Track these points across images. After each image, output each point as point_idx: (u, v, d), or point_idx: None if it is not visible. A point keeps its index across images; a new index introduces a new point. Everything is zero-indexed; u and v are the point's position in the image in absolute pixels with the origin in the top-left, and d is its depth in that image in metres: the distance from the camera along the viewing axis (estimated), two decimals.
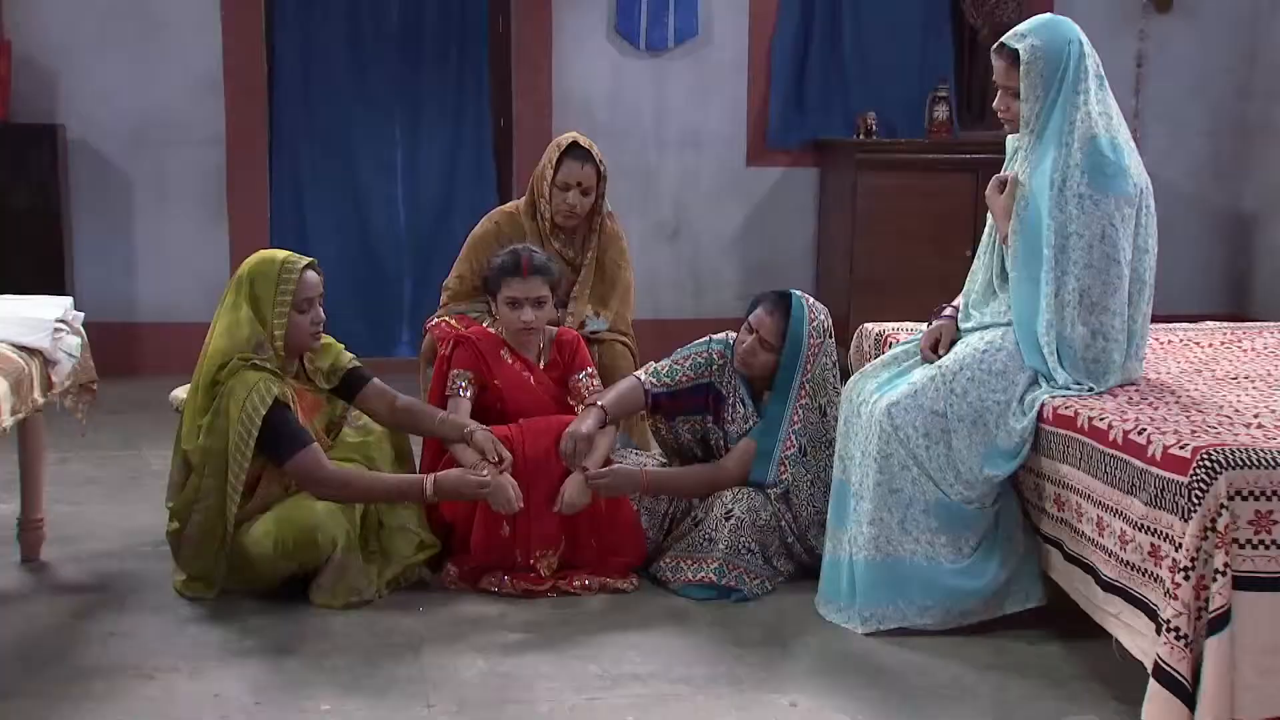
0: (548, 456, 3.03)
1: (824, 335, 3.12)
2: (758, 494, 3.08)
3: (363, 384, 3.06)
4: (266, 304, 2.84)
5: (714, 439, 3.28)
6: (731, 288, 5.91)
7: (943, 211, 5.46)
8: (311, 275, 2.93)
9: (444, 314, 3.59)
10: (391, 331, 5.81)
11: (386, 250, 5.72)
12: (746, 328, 3.13)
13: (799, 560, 3.14)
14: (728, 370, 3.22)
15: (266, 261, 2.87)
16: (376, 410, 3.07)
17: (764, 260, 5.91)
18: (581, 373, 3.27)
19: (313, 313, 2.92)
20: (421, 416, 3.08)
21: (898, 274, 5.44)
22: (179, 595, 2.98)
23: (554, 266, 3.23)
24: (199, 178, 5.47)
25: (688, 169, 5.83)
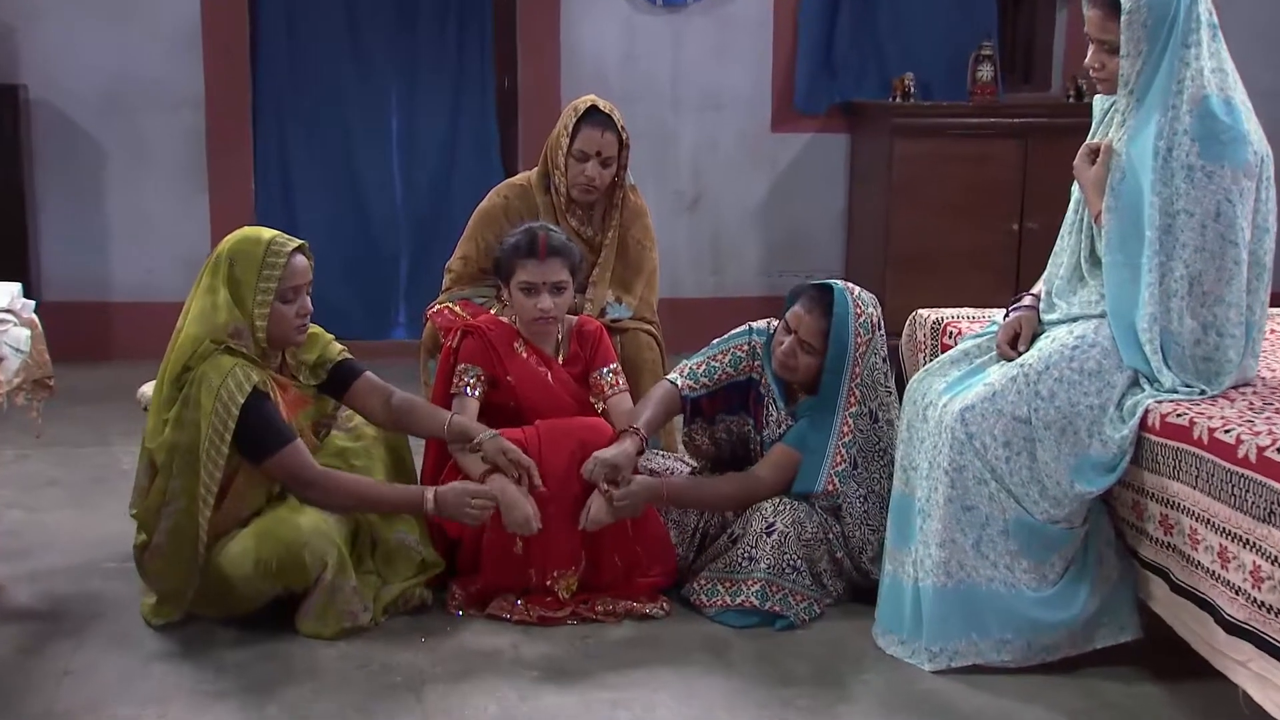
0: (568, 465, 2.87)
1: (872, 331, 2.94)
2: (801, 504, 2.94)
3: (353, 378, 2.91)
4: (247, 289, 2.70)
5: (753, 445, 3.15)
6: (754, 263, 5.79)
7: (987, 181, 5.28)
8: (300, 260, 2.77)
9: (447, 299, 3.45)
10: (387, 313, 5.69)
11: (381, 224, 5.59)
12: (783, 327, 2.97)
13: (850, 579, 3.01)
14: (767, 366, 3.06)
15: (250, 241, 2.72)
16: (369, 408, 2.92)
17: (789, 234, 5.77)
18: (605, 368, 3.11)
19: (299, 303, 2.77)
20: (421, 416, 2.93)
21: (937, 249, 5.28)
22: (147, 623, 2.82)
23: (575, 247, 3.06)
24: (176, 144, 5.32)
25: (707, 135, 5.67)
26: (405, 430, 2.99)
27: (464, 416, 2.95)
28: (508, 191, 3.49)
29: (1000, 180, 5.28)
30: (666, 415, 3.06)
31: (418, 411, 2.95)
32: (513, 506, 2.79)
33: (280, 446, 2.67)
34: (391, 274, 5.68)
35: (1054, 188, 5.15)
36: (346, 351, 2.96)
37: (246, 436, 2.63)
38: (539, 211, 3.42)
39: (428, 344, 3.42)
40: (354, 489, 2.76)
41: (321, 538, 2.72)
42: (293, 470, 2.69)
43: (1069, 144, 5.05)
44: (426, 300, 4.21)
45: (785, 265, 5.77)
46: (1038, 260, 5.21)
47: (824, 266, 5.74)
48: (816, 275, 5.71)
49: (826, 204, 5.81)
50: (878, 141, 5.45)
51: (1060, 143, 5.11)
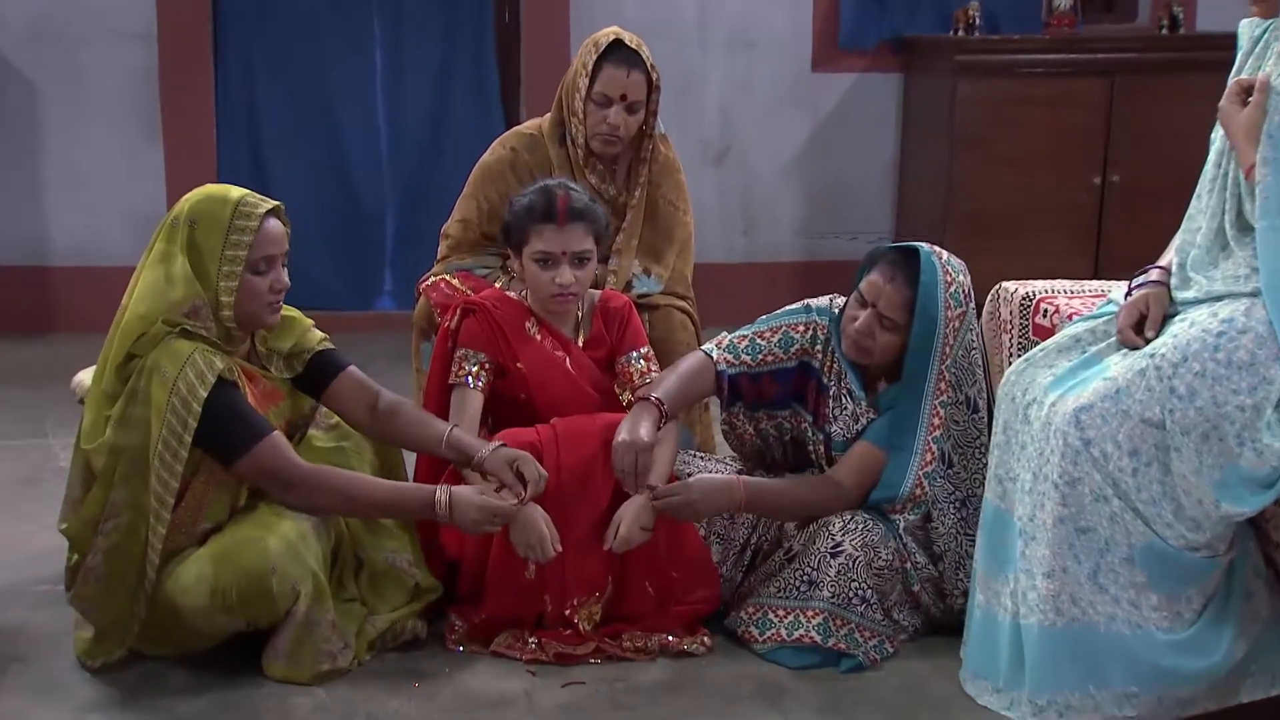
0: (590, 470, 2.78)
1: (964, 302, 2.86)
2: (876, 522, 2.84)
3: (335, 374, 2.82)
4: (211, 258, 2.61)
5: (812, 445, 3.03)
6: (791, 223, 5.76)
7: (1064, 127, 5.19)
8: (275, 225, 2.69)
9: (443, 270, 3.38)
10: (371, 280, 5.68)
11: (363, 177, 5.56)
12: (857, 299, 2.87)
13: (928, 613, 2.92)
14: (832, 351, 2.98)
15: (215, 200, 2.65)
16: (351, 412, 2.84)
17: (831, 190, 5.74)
18: (634, 352, 3.03)
19: (273, 275, 2.68)
20: (411, 425, 2.84)
21: (1005, 208, 5.21)
22: (81, 665, 2.69)
23: (600, 210, 2.97)
24: (124, 84, 5.26)
25: (738, 76, 5.63)
26: (393, 442, 2.91)
27: (463, 430, 2.84)
28: (515, 142, 3.41)
29: (1080, 126, 5.20)
30: (697, 393, 2.98)
31: (407, 420, 2.85)
32: (525, 524, 2.69)
33: (255, 441, 2.57)
34: (376, 235, 5.65)
35: (1142, 135, 5.30)
36: (328, 341, 2.86)
37: (214, 435, 2.55)
38: (552, 166, 3.35)
39: (421, 323, 3.35)
40: (348, 488, 2.68)
41: (293, 561, 2.61)
42: (272, 469, 2.60)
43: (1160, 84, 5.23)
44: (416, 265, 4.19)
45: (826, 226, 5.76)
46: (1122, 219, 5.32)
47: (871, 227, 5.74)
48: (862, 237, 5.71)
49: (875, 155, 5.76)
50: (936, 82, 5.39)
51: (1151, 82, 5.22)
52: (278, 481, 2.62)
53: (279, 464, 2.61)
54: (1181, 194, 5.38)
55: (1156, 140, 5.10)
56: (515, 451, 2.74)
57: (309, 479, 2.64)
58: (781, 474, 3.07)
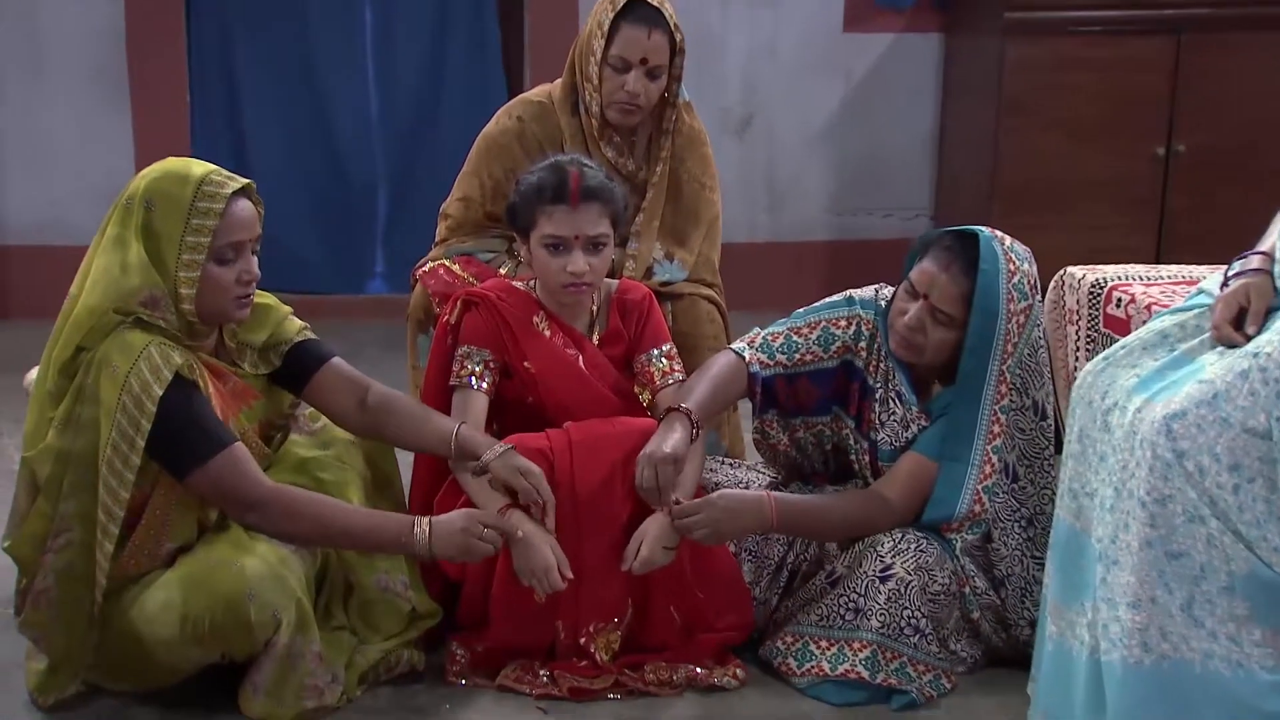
0: (608, 482, 2.74)
1: (1030, 295, 2.79)
2: (930, 542, 2.78)
3: (317, 366, 2.78)
4: (169, 245, 2.54)
5: (855, 454, 2.98)
6: (819, 200, 5.75)
7: (1126, 91, 5.12)
8: (244, 207, 2.60)
9: (442, 255, 3.34)
10: (361, 261, 5.67)
11: (351, 145, 5.55)
12: (907, 290, 2.82)
13: (989, 643, 2.86)
14: (879, 349, 2.92)
15: (174, 178, 2.58)
16: (338, 408, 2.80)
17: (865, 162, 5.73)
18: (656, 350, 2.99)
19: (241, 264, 2.60)
20: (409, 421, 2.80)
21: (1059, 181, 5.15)
22: (32, 702, 2.65)
23: (618, 189, 2.92)
24: (87, 43, 5.23)
25: (762, 36, 5.61)
26: (387, 440, 2.87)
27: (471, 425, 2.81)
28: (522, 112, 3.37)
29: (1141, 90, 5.14)
30: (728, 397, 2.95)
31: (404, 415, 2.81)
32: (528, 548, 2.65)
33: (211, 453, 2.50)
34: (366, 211, 5.64)
35: (1212, 99, 5.18)
36: (309, 330, 2.81)
37: (165, 443, 2.48)
38: (563, 138, 3.32)
39: (417, 314, 3.32)
40: (315, 514, 2.60)
41: (274, 586, 2.54)
42: (230, 487, 2.52)
43: (1233, 42, 5.10)
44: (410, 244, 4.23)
45: (858, 202, 5.76)
46: (1188, 194, 5.20)
47: (908, 203, 5.76)
48: (898, 214, 5.76)
49: (912, 124, 5.75)
50: (982, 43, 5.35)
51: (1222, 40, 5.14)
52: (235, 502, 2.55)
53: (237, 482, 2.54)
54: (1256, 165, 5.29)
55: (1227, 105, 5.04)
56: (526, 463, 2.70)
57: (271, 502, 2.57)
58: (821, 486, 3.03)
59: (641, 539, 2.68)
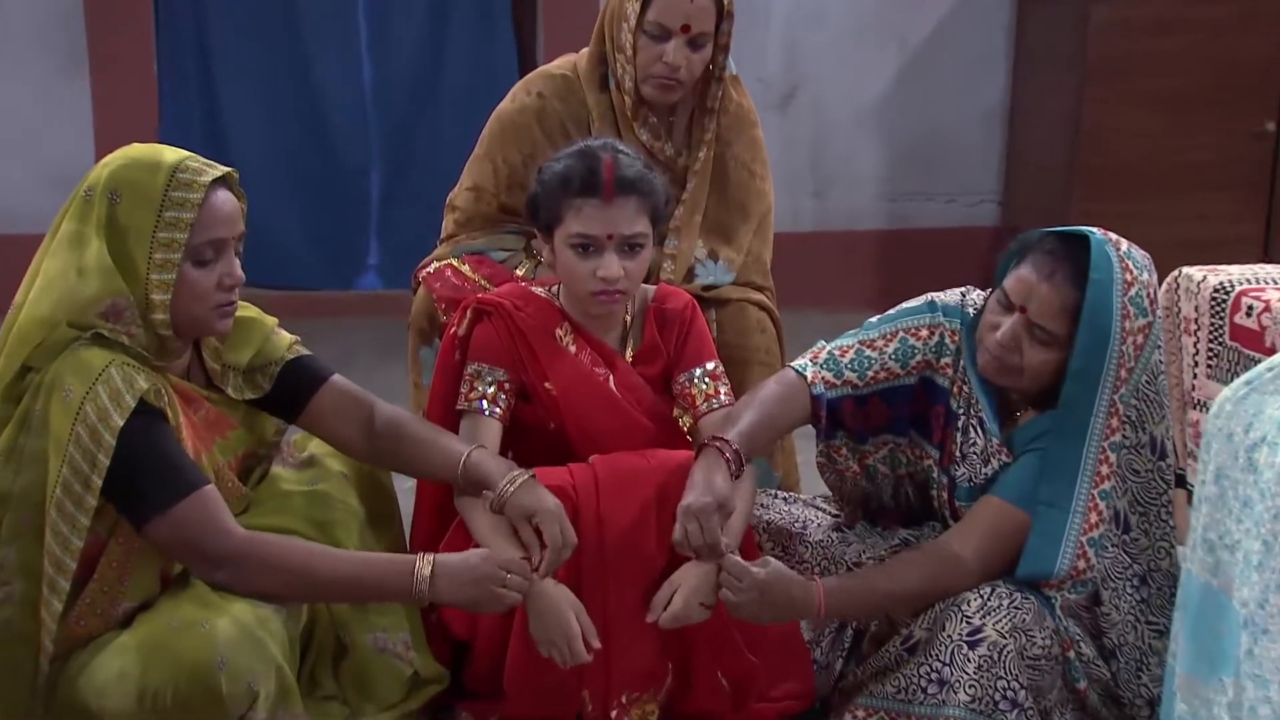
0: (640, 527, 2.67)
1: (1150, 311, 2.68)
2: (1026, 597, 2.66)
3: (314, 387, 2.73)
4: (138, 243, 2.48)
5: (936, 489, 2.87)
6: (871, 183, 5.80)
7: (1231, 57, 5.14)
8: (225, 199, 2.55)
9: (450, 254, 3.32)
10: (352, 252, 5.70)
11: (342, 126, 5.58)
12: (1000, 301, 2.70)
13: (1097, 716, 2.75)
14: (964, 367, 2.81)
15: (143, 166, 2.52)
16: (342, 434, 2.77)
17: (924, 140, 5.77)
18: (698, 368, 2.91)
19: (222, 266, 2.53)
20: (418, 444, 2.76)
21: (1152, 162, 5.16)
22: None
23: (658, 179, 2.84)
24: (42, 11, 5.26)
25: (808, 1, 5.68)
26: (397, 468, 2.84)
27: (487, 451, 2.74)
28: (542, 87, 3.33)
29: (1249, 57, 5.14)
30: (782, 424, 2.86)
31: (413, 439, 2.76)
32: (546, 611, 2.57)
33: (176, 498, 2.43)
34: (358, 196, 5.67)
35: None
36: (300, 344, 2.75)
37: (124, 484, 2.42)
38: (590, 118, 3.29)
39: (420, 323, 3.28)
40: (297, 566, 2.54)
41: (250, 652, 2.44)
42: (193, 539, 2.46)
43: None
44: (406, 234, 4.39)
45: (916, 185, 5.79)
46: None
47: (973, 188, 5.79)
48: (961, 200, 5.78)
49: (978, 97, 5.79)
50: (1061, 4, 5.38)
51: None
52: (201, 558, 2.48)
53: (203, 534, 2.47)
54: None
55: None
56: (540, 498, 2.61)
57: (244, 556, 2.49)
58: (892, 529, 2.95)
59: (674, 589, 2.61)
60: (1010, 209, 5.62)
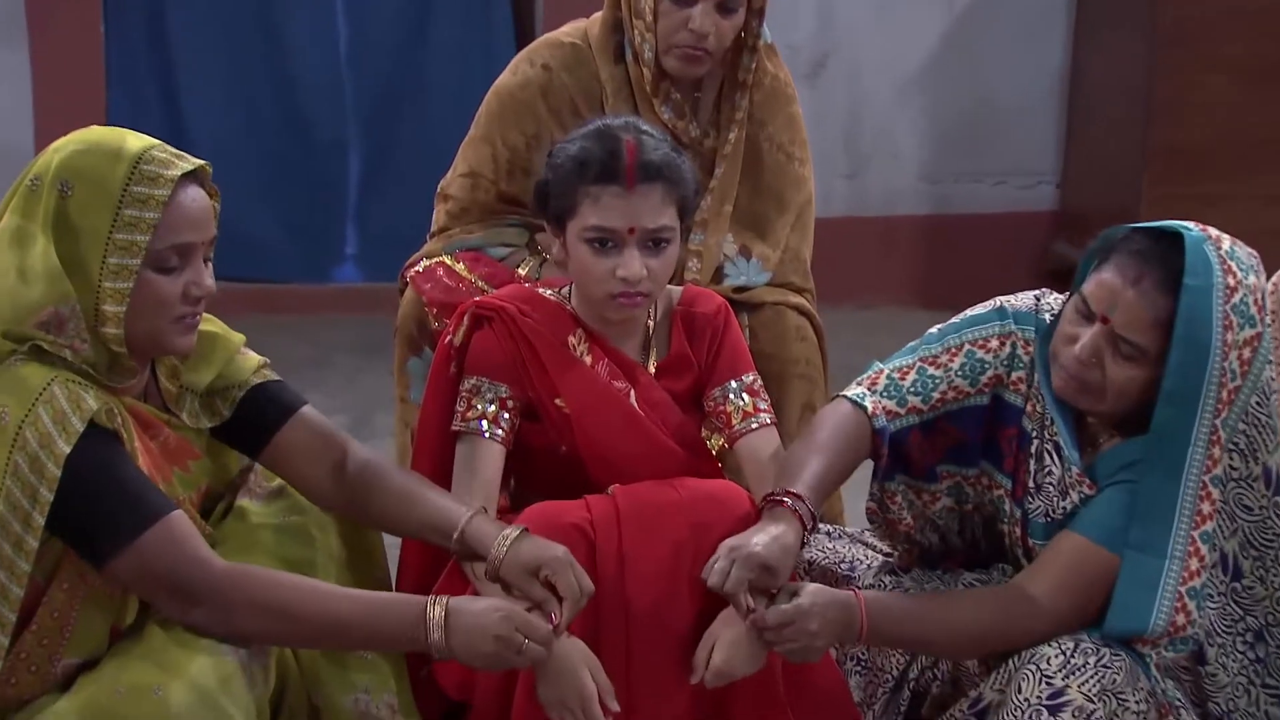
0: (669, 570, 2.63)
1: (1256, 321, 2.62)
2: (1116, 653, 2.58)
3: (281, 418, 2.70)
4: (92, 244, 2.44)
5: (1007, 526, 2.82)
6: (912, 162, 5.83)
7: None
8: (195, 198, 2.50)
9: (442, 249, 3.32)
10: (328, 241, 5.73)
11: (316, 99, 5.60)
12: (1078, 309, 2.65)
13: None
14: (1037, 382, 2.76)
15: (102, 153, 2.48)
16: (308, 475, 2.73)
17: (972, 114, 5.79)
18: (733, 382, 2.87)
19: (188, 274, 2.50)
20: (395, 497, 2.75)
21: (1234, 138, 5.16)
22: None
23: (687, 165, 2.81)
24: None
25: None
26: (370, 522, 2.79)
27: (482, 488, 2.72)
28: (549, 58, 3.33)
29: None
30: (848, 465, 2.81)
31: (392, 491, 2.73)
32: (558, 671, 2.54)
33: (140, 528, 2.38)
34: (334, 178, 5.72)
35: None
36: (269, 368, 2.71)
37: (78, 517, 2.38)
38: (604, 94, 3.28)
39: (409, 330, 3.28)
40: (290, 603, 2.50)
41: (207, 711, 2.39)
42: (165, 573, 2.42)
43: None
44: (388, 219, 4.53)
45: (963, 165, 5.78)
46: None
47: (1028, 167, 5.79)
48: (1014, 180, 5.78)
49: (1035, 65, 5.81)
50: None
51: None
52: (176, 594, 2.44)
53: (179, 566, 2.42)
54: None
55: None
56: (542, 547, 2.56)
57: (227, 590, 2.45)
58: (955, 573, 2.91)
59: (714, 641, 2.56)
60: (1070, 192, 5.62)
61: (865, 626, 2.60)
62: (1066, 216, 5.66)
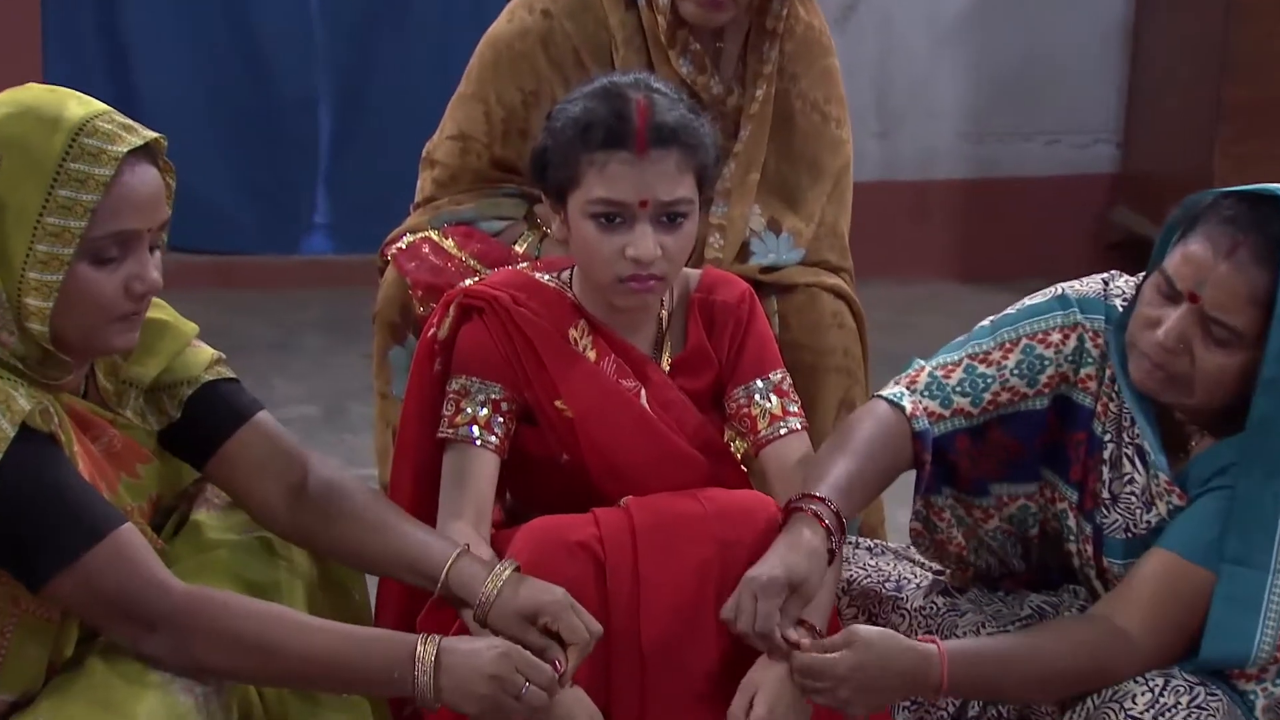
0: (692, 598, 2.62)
1: None
2: (1212, 689, 2.55)
3: (232, 424, 2.67)
4: (18, 225, 2.40)
5: (1076, 544, 2.78)
6: (952, 118, 5.89)
7: None
8: (145, 177, 2.45)
9: (427, 222, 3.31)
10: (295, 208, 5.76)
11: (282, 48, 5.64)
12: (1159, 287, 2.60)
13: None
14: (1111, 378, 2.73)
15: (35, 119, 2.44)
16: (259, 494, 2.70)
17: (1020, 66, 5.86)
18: (759, 380, 2.85)
19: (130, 266, 2.44)
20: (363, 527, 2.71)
21: None
22: None
23: (706, 127, 2.78)
24: None
25: None
26: (329, 554, 2.75)
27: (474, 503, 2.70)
28: (550, 3, 3.33)
29: None
30: (882, 471, 2.77)
31: (360, 519, 2.69)
32: None
33: (85, 544, 2.36)
34: (303, 138, 5.78)
35: None
36: (225, 364, 2.67)
37: (10, 530, 2.36)
38: (613, 45, 3.27)
39: (390, 316, 3.28)
40: (259, 633, 2.47)
41: None
42: (114, 594, 2.39)
43: None
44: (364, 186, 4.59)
45: (1010, 121, 5.83)
46: None
47: (1084, 125, 5.84)
48: (1068, 140, 5.82)
49: (1091, 12, 5.89)
50: None
51: None
52: (126, 617, 2.40)
53: (127, 585, 2.38)
54: None
55: None
56: (538, 590, 2.53)
57: (186, 615, 2.41)
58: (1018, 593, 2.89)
59: (754, 690, 2.52)
60: (1133, 152, 5.64)
61: (946, 680, 2.57)
62: (1128, 179, 5.66)
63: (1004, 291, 3.32)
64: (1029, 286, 2.95)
